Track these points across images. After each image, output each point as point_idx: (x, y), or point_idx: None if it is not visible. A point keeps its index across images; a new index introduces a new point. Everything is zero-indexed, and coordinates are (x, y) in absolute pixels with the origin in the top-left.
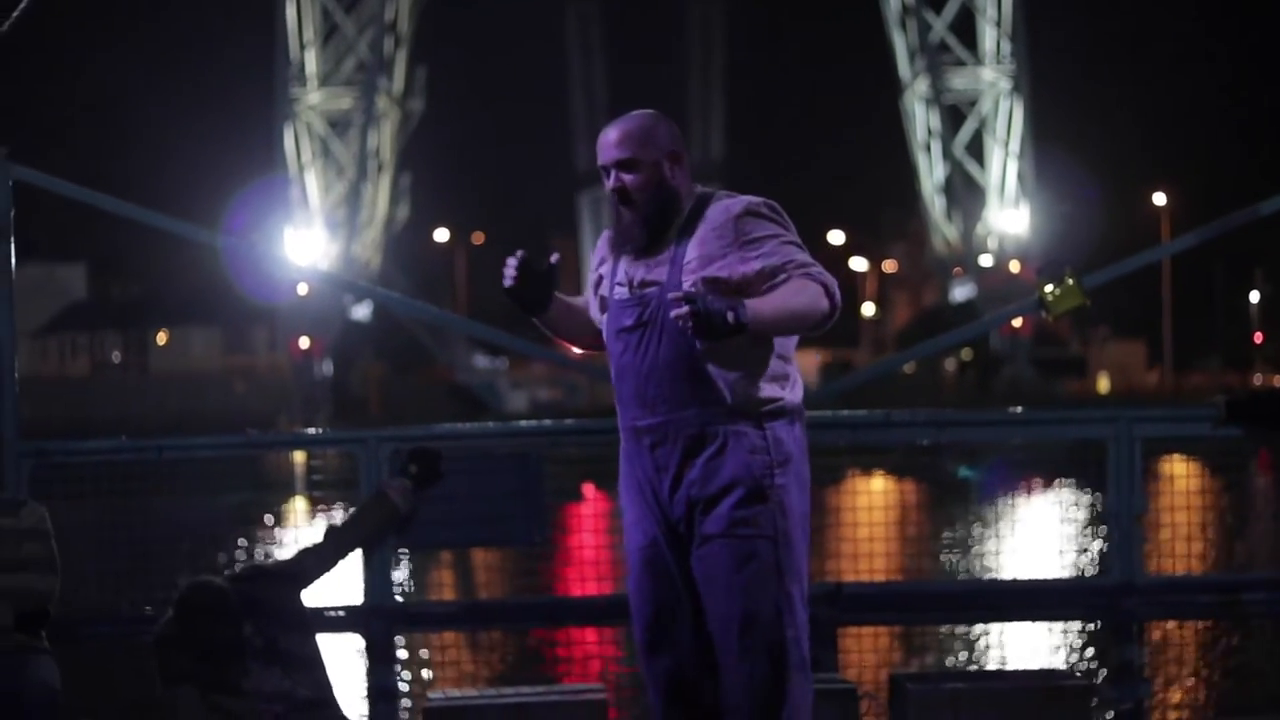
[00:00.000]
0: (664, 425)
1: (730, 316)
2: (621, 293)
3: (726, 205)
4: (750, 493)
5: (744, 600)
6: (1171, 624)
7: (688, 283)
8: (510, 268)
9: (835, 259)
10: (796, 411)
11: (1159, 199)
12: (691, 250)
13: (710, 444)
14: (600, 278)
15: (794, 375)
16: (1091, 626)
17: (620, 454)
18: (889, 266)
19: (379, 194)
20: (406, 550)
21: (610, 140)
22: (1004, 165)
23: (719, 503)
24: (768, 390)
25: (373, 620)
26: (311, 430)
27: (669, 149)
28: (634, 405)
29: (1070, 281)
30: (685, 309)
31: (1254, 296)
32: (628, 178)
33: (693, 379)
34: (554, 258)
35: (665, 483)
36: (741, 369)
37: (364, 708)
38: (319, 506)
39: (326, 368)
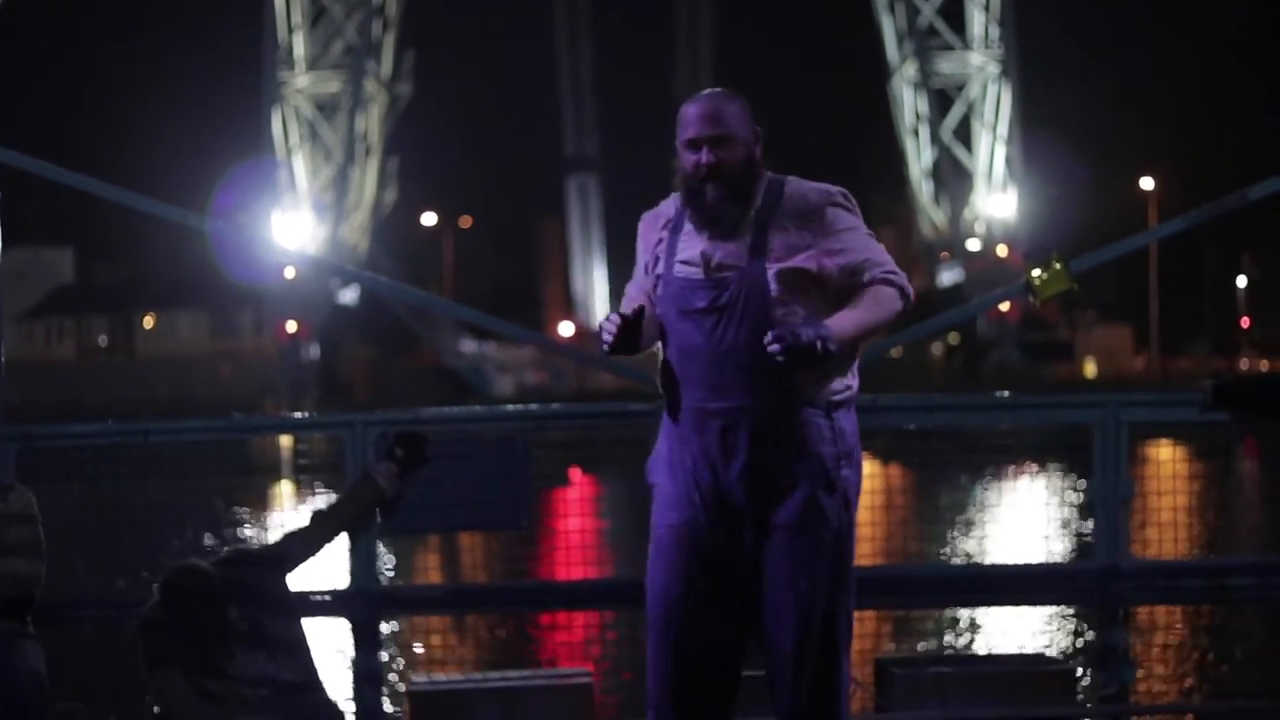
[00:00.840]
0: (737, 410)
1: (819, 346)
2: (692, 272)
3: (805, 193)
4: (821, 485)
5: (809, 589)
6: (1158, 608)
7: (770, 271)
8: (609, 333)
9: None
10: (855, 400)
11: (1146, 183)
12: (775, 238)
13: (783, 433)
14: (656, 257)
15: (857, 364)
16: (1078, 611)
17: (665, 432)
18: None
19: (366, 178)
20: (392, 534)
21: (702, 114)
22: (991, 150)
23: (790, 493)
24: (839, 381)
25: (358, 604)
26: (298, 414)
27: (754, 128)
28: (702, 388)
29: (1057, 266)
30: (779, 347)
31: (1241, 281)
32: (721, 154)
33: (767, 367)
34: (635, 308)
35: (734, 468)
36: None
37: (349, 691)
38: (305, 490)
39: (313, 351)
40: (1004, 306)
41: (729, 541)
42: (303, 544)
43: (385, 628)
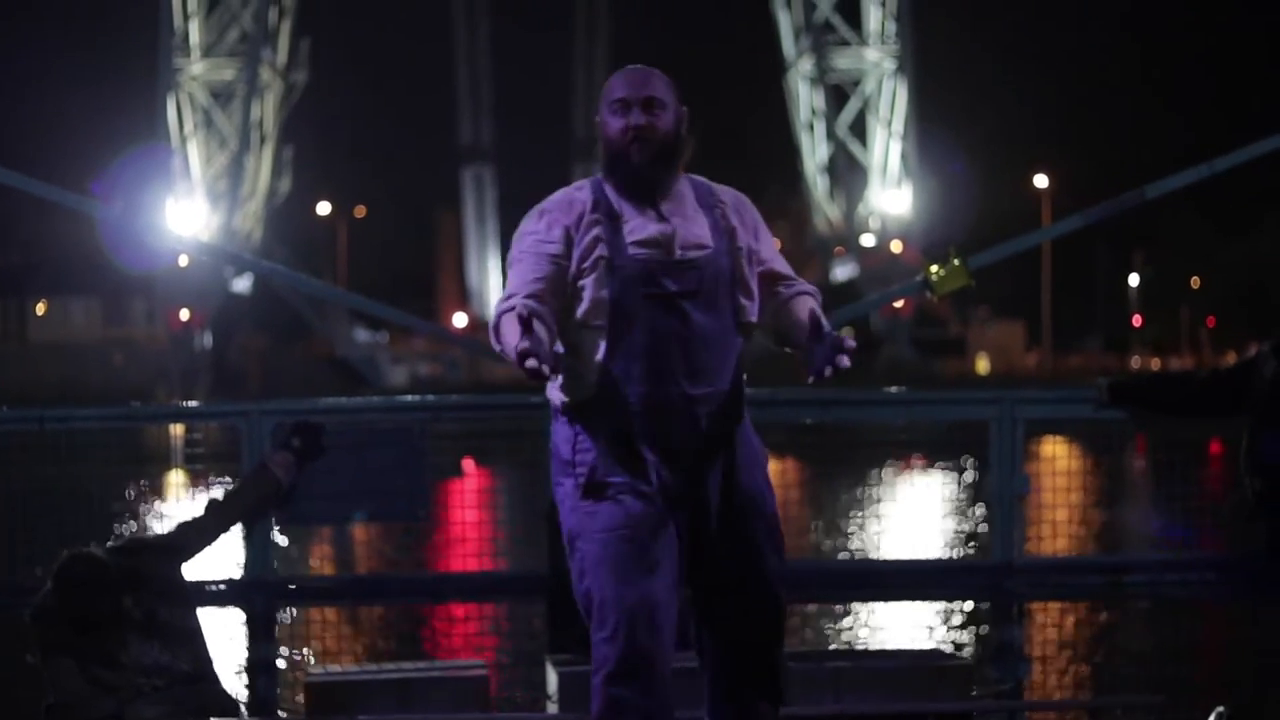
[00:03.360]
0: (719, 396)
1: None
2: (655, 254)
3: (730, 191)
4: (764, 462)
5: (779, 565)
6: (1052, 604)
7: (741, 252)
8: (544, 362)
9: None
10: None
11: (1040, 180)
12: (732, 219)
13: (744, 418)
14: (594, 244)
15: None
16: (973, 606)
17: (596, 425)
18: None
19: (261, 166)
20: (288, 524)
21: (632, 78)
22: (887, 146)
23: (753, 475)
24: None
25: (253, 594)
26: (193, 402)
27: (681, 108)
28: (680, 374)
29: (956, 262)
30: (847, 361)
31: (1133, 279)
32: (651, 117)
33: (732, 352)
34: (559, 348)
35: (725, 455)
36: (748, 327)
37: (244, 682)
38: (198, 480)
39: (206, 340)
40: (898, 302)
41: (689, 526)
42: (198, 533)
43: (280, 618)
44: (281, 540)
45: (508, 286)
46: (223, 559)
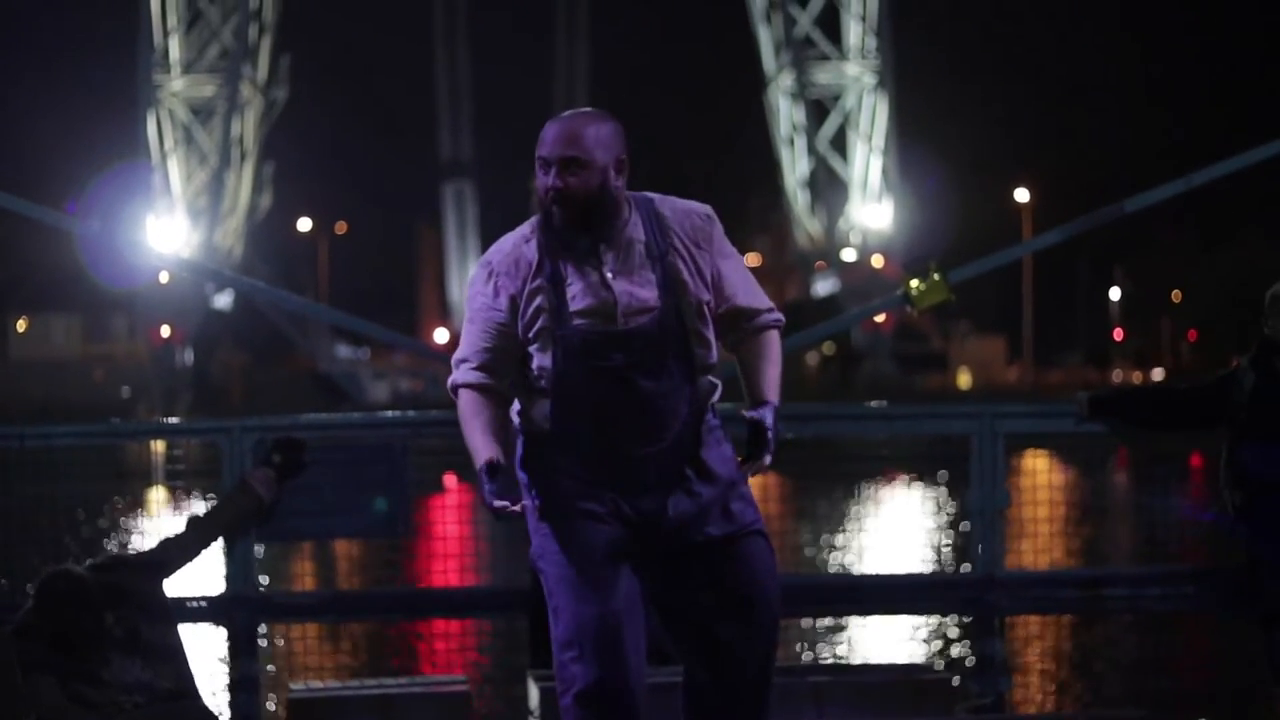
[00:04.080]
0: (672, 448)
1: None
2: (597, 324)
3: (686, 212)
4: (741, 482)
5: (768, 584)
6: (1034, 618)
7: (690, 306)
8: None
9: None
10: None
11: (1021, 195)
12: (680, 268)
13: (707, 443)
14: (538, 314)
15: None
16: (955, 620)
17: (566, 480)
18: (752, 260)
19: (242, 182)
20: (269, 540)
21: (558, 135)
22: (867, 160)
23: (728, 499)
24: (715, 378)
25: (235, 610)
26: (173, 419)
27: (617, 155)
28: (627, 438)
29: (936, 277)
30: (768, 461)
31: (1114, 293)
32: (571, 179)
33: (684, 402)
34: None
35: (675, 492)
36: (709, 368)
37: (226, 698)
38: (179, 496)
39: (187, 356)
40: (879, 317)
41: (654, 559)
42: (179, 550)
43: (262, 634)
44: (263, 556)
45: (461, 347)
46: (204, 575)
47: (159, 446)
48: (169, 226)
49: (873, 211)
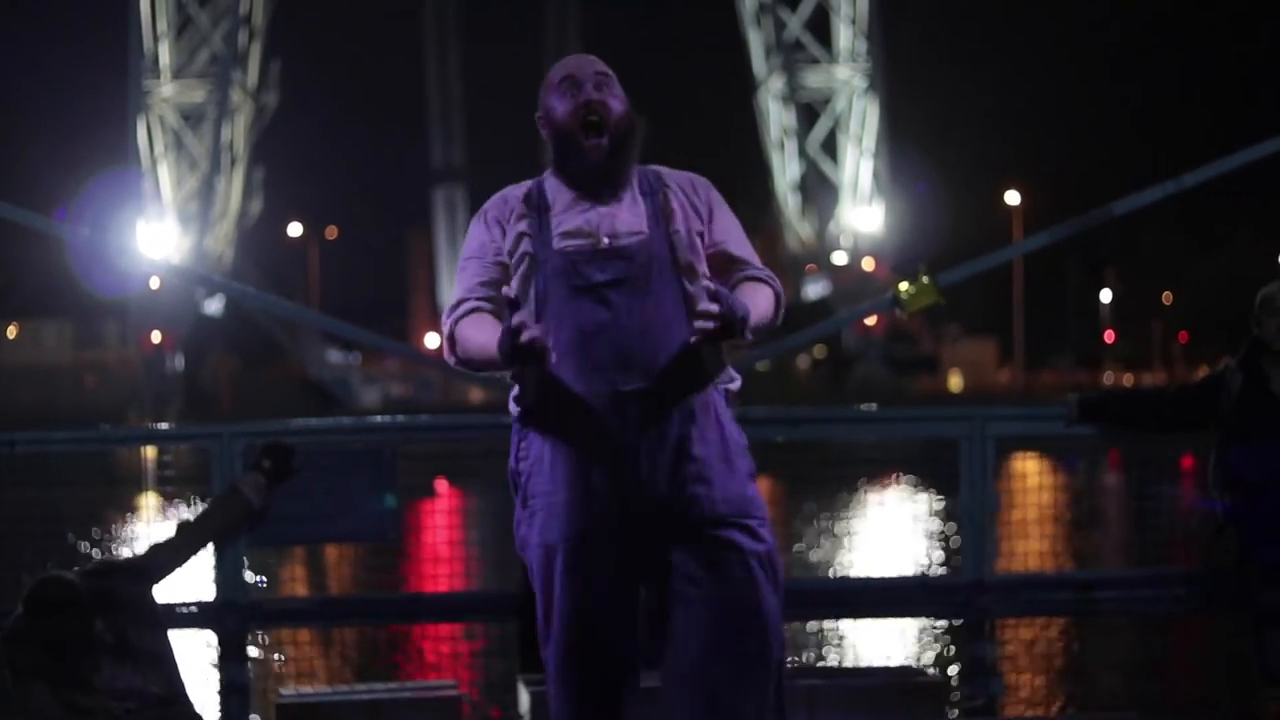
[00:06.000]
0: (658, 393)
1: (744, 324)
2: (584, 244)
3: (684, 175)
4: (749, 467)
5: (767, 590)
6: (1024, 620)
7: (680, 235)
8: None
9: None
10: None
11: (1012, 197)
12: (674, 202)
13: (706, 414)
14: (520, 239)
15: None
16: (945, 623)
17: (539, 438)
18: None
19: (232, 188)
20: (259, 546)
21: (583, 59)
22: (858, 163)
23: (728, 483)
24: (729, 371)
25: (225, 616)
26: (164, 425)
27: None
28: (613, 369)
29: (925, 279)
30: (715, 308)
31: (1105, 295)
32: (612, 100)
33: (674, 344)
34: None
35: (663, 458)
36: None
37: (216, 704)
38: (170, 502)
39: (178, 362)
40: (870, 320)
41: (644, 543)
42: (170, 555)
43: (252, 640)
44: (253, 561)
45: (455, 293)
46: (194, 581)
47: (150, 452)
48: (159, 232)
49: (863, 214)
